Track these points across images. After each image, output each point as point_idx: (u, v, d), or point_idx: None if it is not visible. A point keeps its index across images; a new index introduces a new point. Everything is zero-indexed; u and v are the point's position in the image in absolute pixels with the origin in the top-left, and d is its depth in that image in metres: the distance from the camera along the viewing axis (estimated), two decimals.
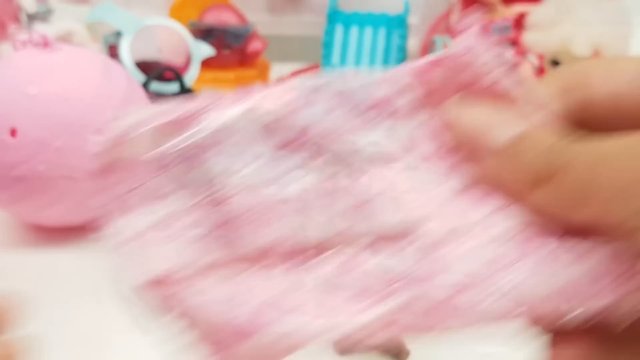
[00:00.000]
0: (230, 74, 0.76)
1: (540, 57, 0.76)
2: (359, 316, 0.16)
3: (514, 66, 0.66)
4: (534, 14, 0.74)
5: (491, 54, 0.17)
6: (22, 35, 0.61)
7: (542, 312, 0.16)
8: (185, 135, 0.17)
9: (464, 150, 0.17)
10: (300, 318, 0.16)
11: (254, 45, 0.77)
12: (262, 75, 0.79)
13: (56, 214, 0.49)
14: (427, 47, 0.79)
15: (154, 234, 0.17)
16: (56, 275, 0.45)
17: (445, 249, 0.16)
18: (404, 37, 0.75)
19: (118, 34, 0.71)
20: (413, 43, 0.84)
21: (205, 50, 0.69)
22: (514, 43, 0.79)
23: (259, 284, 0.17)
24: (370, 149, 0.17)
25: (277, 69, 0.80)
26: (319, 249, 0.17)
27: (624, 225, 0.14)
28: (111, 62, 0.52)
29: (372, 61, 0.76)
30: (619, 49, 0.73)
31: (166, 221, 0.17)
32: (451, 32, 0.82)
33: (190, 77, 0.67)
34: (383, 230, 0.17)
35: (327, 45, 0.76)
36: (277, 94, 0.17)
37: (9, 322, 0.28)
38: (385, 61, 0.75)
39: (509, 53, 0.79)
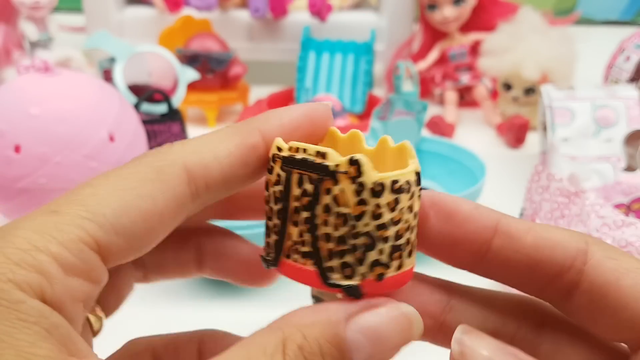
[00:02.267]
0: (213, 96, 0.77)
1: (494, 80, 0.81)
2: None
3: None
4: (488, 41, 0.77)
5: None
6: (25, 61, 0.62)
7: None
8: None
9: None
10: None
11: (235, 70, 0.78)
12: (242, 97, 0.79)
13: None
14: (392, 71, 0.82)
15: None
16: None
17: None
18: (370, 63, 0.77)
19: (112, 60, 0.71)
20: (379, 68, 0.86)
21: (190, 74, 0.69)
22: (470, 68, 0.83)
23: None
24: None
25: (256, 92, 0.81)
26: None
27: None
28: (106, 85, 0.53)
29: (341, 84, 0.77)
30: (564, 73, 0.75)
31: None
32: (413, 58, 0.87)
33: (177, 98, 0.67)
34: None
35: (301, 69, 0.78)
36: None
37: None
38: (354, 84, 0.77)
39: (466, 77, 0.85)
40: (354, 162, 0.16)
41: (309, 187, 0.17)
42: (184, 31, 0.81)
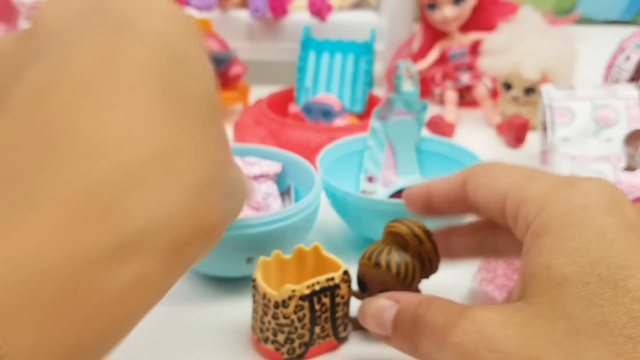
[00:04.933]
0: None
1: (494, 80, 0.81)
2: None
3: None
4: (488, 41, 0.77)
5: None
6: None
7: None
8: None
9: None
10: None
11: (235, 70, 0.78)
12: (243, 97, 0.80)
13: None
14: (391, 71, 0.83)
15: None
16: None
17: None
18: (370, 62, 0.77)
19: None
20: (379, 67, 0.86)
21: None
22: (470, 67, 0.84)
23: None
24: None
25: (256, 91, 0.81)
26: None
27: None
28: None
29: (341, 84, 0.77)
30: (564, 73, 0.76)
31: None
32: (413, 57, 0.87)
33: None
34: None
35: (301, 69, 0.77)
36: None
37: None
38: (354, 84, 0.77)
39: (466, 77, 0.85)
40: (345, 272, 0.34)
41: (326, 300, 0.33)
42: None
